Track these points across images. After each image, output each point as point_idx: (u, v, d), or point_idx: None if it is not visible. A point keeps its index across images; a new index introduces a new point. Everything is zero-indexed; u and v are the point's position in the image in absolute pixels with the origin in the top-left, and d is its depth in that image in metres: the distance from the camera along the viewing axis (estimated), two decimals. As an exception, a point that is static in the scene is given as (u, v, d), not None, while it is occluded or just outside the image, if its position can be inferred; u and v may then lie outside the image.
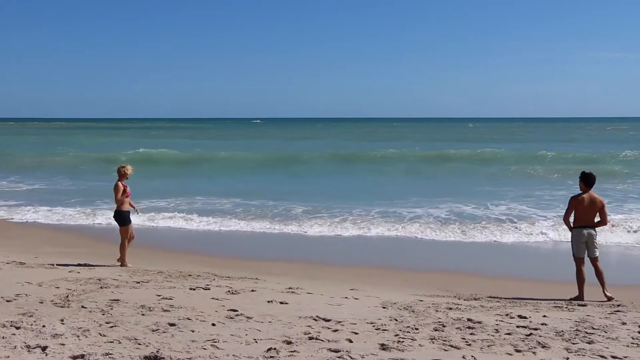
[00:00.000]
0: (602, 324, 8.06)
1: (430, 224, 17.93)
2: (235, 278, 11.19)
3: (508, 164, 37.65)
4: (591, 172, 10.96)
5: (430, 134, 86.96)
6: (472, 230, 17.05)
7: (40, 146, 54.53)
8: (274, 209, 20.89)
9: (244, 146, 55.58)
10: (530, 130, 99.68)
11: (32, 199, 24.01)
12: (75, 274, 10.78)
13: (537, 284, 11.37)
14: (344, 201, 22.27)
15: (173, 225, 18.80)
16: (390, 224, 17.92)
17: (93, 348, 6.02)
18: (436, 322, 7.94)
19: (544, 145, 52.43)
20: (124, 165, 12.52)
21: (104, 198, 22.35)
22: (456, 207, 20.91)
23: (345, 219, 18.78)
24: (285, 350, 6.21)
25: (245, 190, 26.31)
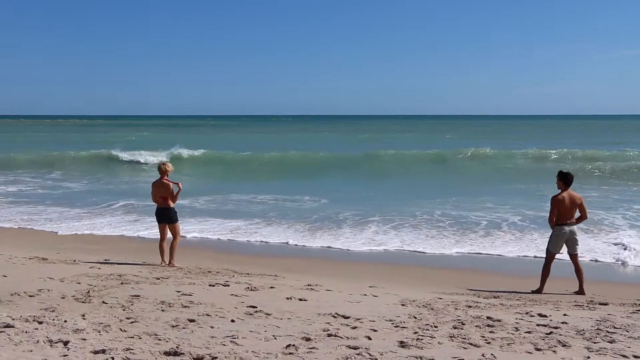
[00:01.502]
0: (624, 323, 7.98)
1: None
2: (254, 275, 11.23)
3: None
4: (569, 171, 11.36)
5: (491, 132, 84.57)
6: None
7: (134, 144, 50.97)
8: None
9: (297, 144, 54.36)
10: (565, 129, 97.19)
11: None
12: (96, 270, 10.87)
13: (558, 281, 11.26)
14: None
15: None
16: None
17: (114, 343, 6.07)
18: (455, 320, 7.91)
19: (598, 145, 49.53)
20: (165, 162, 12.58)
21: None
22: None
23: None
24: (304, 347, 6.22)
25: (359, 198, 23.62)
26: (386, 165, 36.32)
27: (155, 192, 12.28)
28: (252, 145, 53.82)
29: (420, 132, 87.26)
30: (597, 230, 16.58)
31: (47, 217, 19.41)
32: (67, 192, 26.77)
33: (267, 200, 23.30)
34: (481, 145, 44.12)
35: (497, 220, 18.18)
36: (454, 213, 19.47)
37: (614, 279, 12.23)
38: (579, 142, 53.64)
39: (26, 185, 29.03)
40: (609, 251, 14.33)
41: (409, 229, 17.09)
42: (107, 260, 12.24)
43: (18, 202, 22.87)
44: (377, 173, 33.45)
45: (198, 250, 14.52)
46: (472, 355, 6.16)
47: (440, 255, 14.29)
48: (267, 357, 5.79)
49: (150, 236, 16.09)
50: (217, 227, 17.53)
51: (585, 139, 61.84)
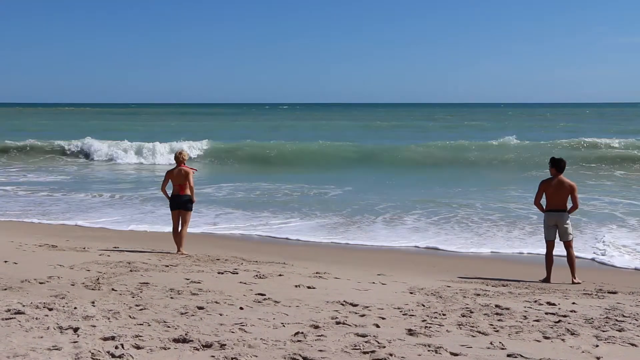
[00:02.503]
0: (633, 312, 7.96)
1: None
2: (263, 262, 11.26)
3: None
4: (561, 158, 11.30)
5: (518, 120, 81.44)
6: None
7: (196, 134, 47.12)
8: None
9: (318, 133, 52.81)
10: (593, 116, 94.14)
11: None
12: (105, 257, 10.93)
13: (566, 270, 11.24)
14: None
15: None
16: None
17: (123, 330, 6.11)
18: (464, 308, 7.91)
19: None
20: (181, 151, 12.70)
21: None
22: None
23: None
24: (312, 335, 6.23)
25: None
26: (417, 157, 34.51)
27: (173, 180, 12.33)
28: (273, 134, 52.55)
29: (437, 120, 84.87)
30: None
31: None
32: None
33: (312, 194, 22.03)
34: (514, 134, 40.44)
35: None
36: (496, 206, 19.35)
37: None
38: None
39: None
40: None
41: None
42: (116, 247, 12.29)
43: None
44: (407, 165, 32.16)
45: (207, 238, 14.55)
46: (481, 343, 6.16)
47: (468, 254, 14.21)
48: (275, 344, 5.81)
49: (153, 229, 16.16)
50: (241, 219, 17.30)
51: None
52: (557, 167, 11.09)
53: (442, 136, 47.96)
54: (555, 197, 11.00)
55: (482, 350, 5.90)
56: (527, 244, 14.06)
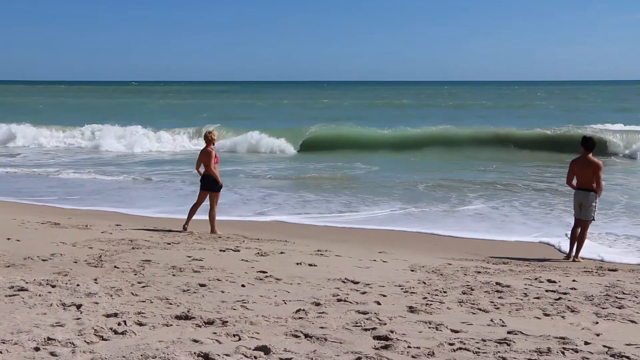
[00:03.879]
0: (633, 289, 8.00)
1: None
2: (264, 240, 11.29)
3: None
4: (591, 136, 11.27)
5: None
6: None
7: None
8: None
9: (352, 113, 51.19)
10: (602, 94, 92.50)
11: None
12: (107, 235, 10.96)
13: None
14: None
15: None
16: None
17: (126, 307, 6.14)
18: (464, 285, 7.95)
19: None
20: (211, 131, 12.62)
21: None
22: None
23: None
24: (314, 312, 6.27)
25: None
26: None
27: (203, 161, 12.31)
28: (330, 115, 48.46)
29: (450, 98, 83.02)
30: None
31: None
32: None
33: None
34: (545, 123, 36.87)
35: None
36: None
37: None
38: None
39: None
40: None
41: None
42: (118, 225, 12.31)
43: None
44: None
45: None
46: (481, 321, 6.20)
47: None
48: (277, 321, 5.85)
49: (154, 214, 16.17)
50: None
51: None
52: (584, 145, 11.02)
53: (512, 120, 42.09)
54: (582, 176, 10.97)
55: (483, 327, 5.93)
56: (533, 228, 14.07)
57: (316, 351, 4.99)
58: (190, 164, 19.37)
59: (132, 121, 36.25)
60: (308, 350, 5.02)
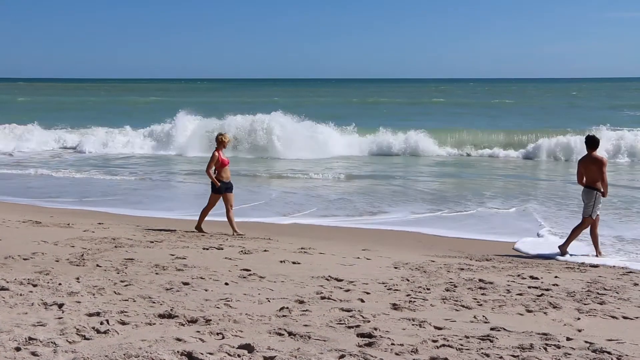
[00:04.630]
0: (613, 285, 8.07)
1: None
2: (247, 238, 11.26)
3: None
4: (593, 135, 11.34)
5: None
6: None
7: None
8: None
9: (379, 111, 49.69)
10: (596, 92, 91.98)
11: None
12: (90, 234, 10.89)
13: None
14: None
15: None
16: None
17: (108, 306, 6.11)
18: (448, 282, 7.98)
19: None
20: (223, 133, 12.34)
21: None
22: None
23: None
24: (297, 310, 6.27)
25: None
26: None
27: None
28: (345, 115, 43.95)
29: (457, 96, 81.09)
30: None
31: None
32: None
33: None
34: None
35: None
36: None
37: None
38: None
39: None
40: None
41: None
42: (100, 223, 12.23)
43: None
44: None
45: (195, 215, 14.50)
46: (464, 317, 6.22)
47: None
48: (260, 319, 5.84)
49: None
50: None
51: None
52: (587, 143, 11.11)
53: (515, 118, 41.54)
54: (588, 174, 11.00)
55: (466, 324, 5.96)
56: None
57: (300, 349, 4.99)
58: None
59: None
60: (292, 348, 5.02)
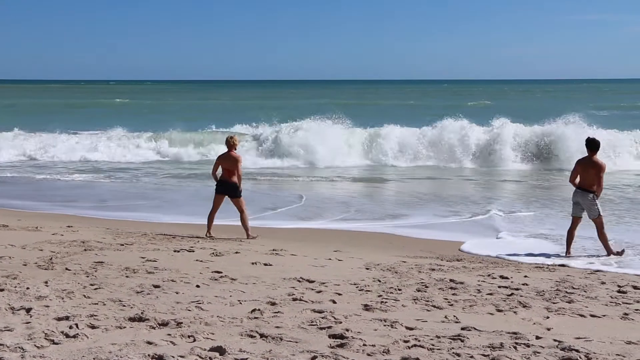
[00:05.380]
0: (581, 284, 8.19)
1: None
2: (219, 240, 11.22)
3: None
4: (594, 138, 11.22)
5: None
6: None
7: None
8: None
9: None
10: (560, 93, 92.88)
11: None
12: (58, 237, 10.75)
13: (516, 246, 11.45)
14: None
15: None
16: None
17: (77, 310, 6.04)
18: (419, 282, 8.03)
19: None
20: (233, 136, 12.26)
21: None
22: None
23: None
24: (269, 311, 6.26)
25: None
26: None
27: (223, 165, 11.92)
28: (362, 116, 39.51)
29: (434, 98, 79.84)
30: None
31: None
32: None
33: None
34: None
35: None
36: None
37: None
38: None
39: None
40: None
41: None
42: (70, 226, 12.08)
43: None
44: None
45: (165, 217, 14.41)
46: (435, 317, 6.27)
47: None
48: (232, 321, 5.82)
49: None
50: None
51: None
52: (588, 146, 11.05)
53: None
54: (584, 177, 10.93)
55: (437, 324, 6.00)
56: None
57: (272, 351, 4.98)
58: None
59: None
60: (263, 350, 5.01)
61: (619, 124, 29.21)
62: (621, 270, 9.58)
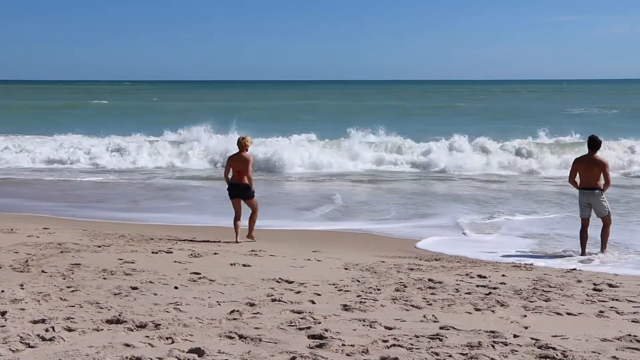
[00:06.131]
0: (558, 282, 8.26)
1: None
2: (197, 241, 11.17)
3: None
4: (595, 136, 11.11)
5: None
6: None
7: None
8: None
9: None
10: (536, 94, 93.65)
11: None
12: (34, 239, 10.64)
13: (496, 245, 11.53)
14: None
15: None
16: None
17: (54, 312, 5.98)
18: (398, 282, 8.05)
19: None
20: (245, 136, 11.83)
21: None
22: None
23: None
24: (248, 312, 6.24)
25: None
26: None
27: (233, 167, 11.65)
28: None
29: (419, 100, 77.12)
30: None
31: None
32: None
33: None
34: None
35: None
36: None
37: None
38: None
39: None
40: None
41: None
42: (46, 228, 11.96)
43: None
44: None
45: (141, 218, 14.32)
46: (414, 317, 6.29)
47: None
48: (211, 322, 5.80)
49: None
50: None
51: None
52: (588, 144, 11.00)
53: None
54: (587, 175, 10.89)
55: (416, 324, 6.02)
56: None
57: (251, 352, 4.97)
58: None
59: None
60: (242, 351, 5.00)
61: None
62: (596, 269, 9.70)
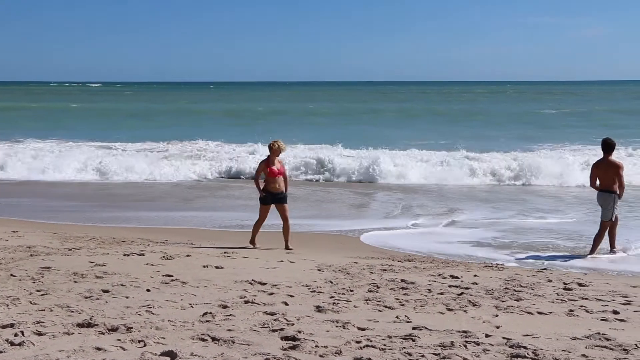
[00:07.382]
0: (529, 282, 8.35)
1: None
2: (170, 243, 11.10)
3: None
4: (609, 138, 11.20)
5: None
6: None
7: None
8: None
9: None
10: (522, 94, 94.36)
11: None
12: (3, 242, 10.48)
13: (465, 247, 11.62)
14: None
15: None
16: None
17: (23, 317, 5.90)
18: (370, 283, 8.08)
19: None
20: (277, 140, 11.31)
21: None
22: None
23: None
24: (221, 315, 6.22)
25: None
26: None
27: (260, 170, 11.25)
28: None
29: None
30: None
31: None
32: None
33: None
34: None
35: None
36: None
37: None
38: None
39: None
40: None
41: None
42: (15, 231, 11.80)
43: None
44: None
45: (115, 221, 14.20)
46: (387, 318, 6.31)
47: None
48: (183, 325, 5.76)
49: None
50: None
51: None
52: (602, 147, 11.08)
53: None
54: (604, 178, 10.95)
55: (389, 324, 6.04)
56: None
57: (224, 354, 4.95)
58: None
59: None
60: (215, 353, 4.97)
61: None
62: (566, 269, 9.83)
